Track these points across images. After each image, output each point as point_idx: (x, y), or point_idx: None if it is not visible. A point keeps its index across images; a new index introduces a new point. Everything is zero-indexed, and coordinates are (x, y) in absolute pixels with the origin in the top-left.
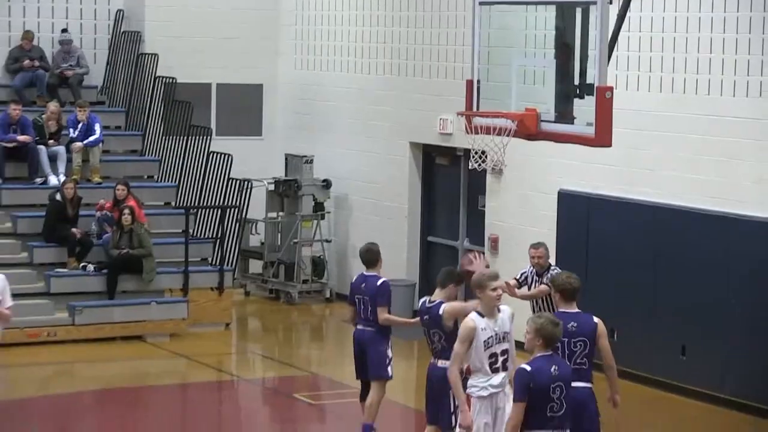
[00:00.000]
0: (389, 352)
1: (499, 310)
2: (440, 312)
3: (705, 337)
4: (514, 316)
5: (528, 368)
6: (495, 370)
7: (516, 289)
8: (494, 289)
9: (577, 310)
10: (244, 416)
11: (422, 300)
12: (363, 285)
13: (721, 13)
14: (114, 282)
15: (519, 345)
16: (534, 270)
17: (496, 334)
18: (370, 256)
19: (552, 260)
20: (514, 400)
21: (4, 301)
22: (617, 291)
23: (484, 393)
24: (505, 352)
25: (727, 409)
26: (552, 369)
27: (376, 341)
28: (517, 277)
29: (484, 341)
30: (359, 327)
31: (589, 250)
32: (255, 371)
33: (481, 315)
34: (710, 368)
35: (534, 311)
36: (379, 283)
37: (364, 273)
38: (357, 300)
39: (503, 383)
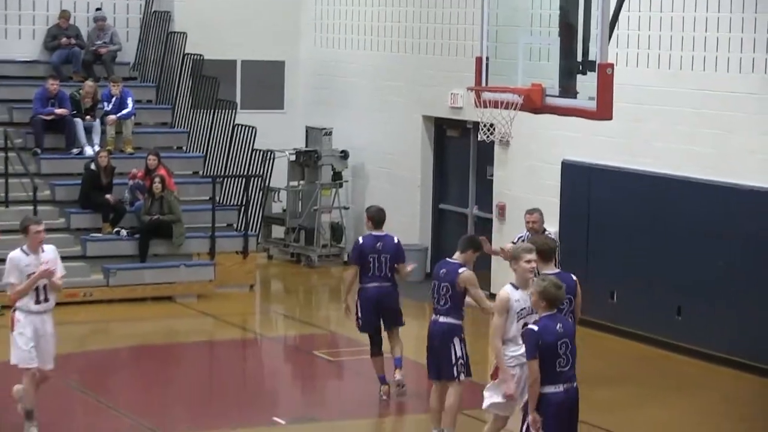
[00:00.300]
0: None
1: (533, 282)
2: (459, 271)
3: (699, 299)
4: None
5: (535, 328)
6: None
7: None
8: (528, 261)
9: (557, 269)
10: (267, 372)
11: (442, 261)
12: (378, 244)
13: None
14: (146, 246)
15: None
16: (529, 234)
17: (529, 306)
18: (383, 216)
19: (555, 227)
20: (528, 358)
21: (55, 271)
22: (617, 255)
23: (513, 363)
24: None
25: (719, 366)
26: (557, 327)
27: (395, 295)
28: (514, 241)
29: (518, 312)
30: (375, 284)
31: (590, 217)
32: (277, 330)
33: (515, 287)
34: (704, 327)
35: None
36: (396, 241)
37: (374, 234)
38: (372, 259)
39: None
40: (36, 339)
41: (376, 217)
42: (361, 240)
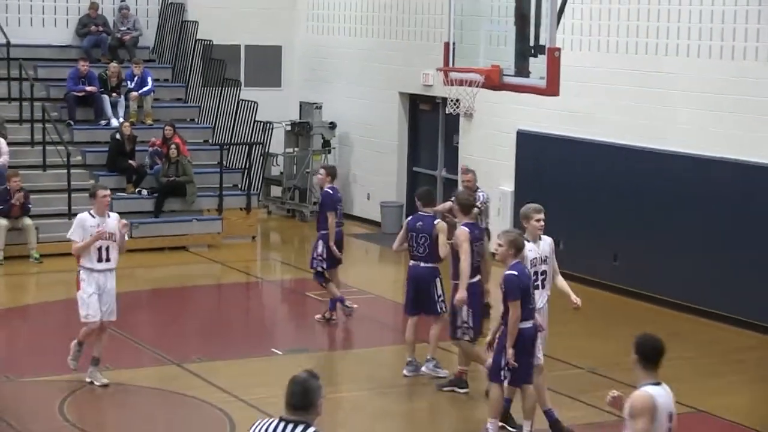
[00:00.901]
0: None
1: (540, 238)
2: (435, 223)
3: (633, 247)
4: (553, 244)
5: (515, 273)
6: (536, 287)
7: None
8: (538, 220)
9: (472, 221)
10: (266, 310)
11: (415, 215)
12: (339, 194)
13: None
14: (160, 203)
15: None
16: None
17: (539, 256)
18: (337, 171)
19: (511, 186)
20: (511, 300)
21: (114, 235)
22: (564, 211)
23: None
24: (544, 272)
25: (652, 305)
26: (526, 271)
27: None
28: (452, 199)
29: (531, 260)
30: (338, 228)
31: (540, 177)
32: (275, 274)
33: (527, 240)
34: (636, 271)
35: None
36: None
37: (333, 186)
38: (338, 207)
39: (543, 304)
40: (100, 294)
41: (334, 173)
42: (331, 191)
